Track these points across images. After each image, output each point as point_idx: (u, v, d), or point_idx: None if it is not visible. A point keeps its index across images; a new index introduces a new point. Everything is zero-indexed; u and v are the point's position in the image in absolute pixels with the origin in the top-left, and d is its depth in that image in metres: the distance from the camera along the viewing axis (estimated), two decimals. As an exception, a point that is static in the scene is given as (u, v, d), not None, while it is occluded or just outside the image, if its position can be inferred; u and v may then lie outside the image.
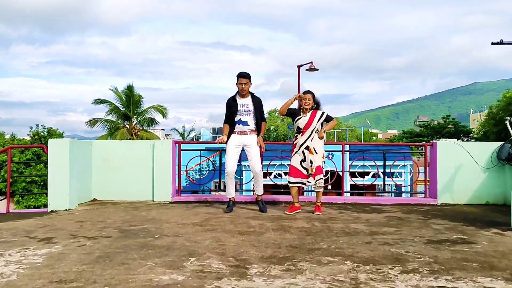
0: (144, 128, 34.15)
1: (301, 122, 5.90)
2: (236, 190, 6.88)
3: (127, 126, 33.04)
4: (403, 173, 21.05)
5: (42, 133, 32.52)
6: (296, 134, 6.00)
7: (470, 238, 4.34)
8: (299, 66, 6.79)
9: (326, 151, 6.18)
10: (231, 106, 5.91)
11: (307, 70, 6.73)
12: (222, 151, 7.40)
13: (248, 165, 6.22)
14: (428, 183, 7.26)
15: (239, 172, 14.24)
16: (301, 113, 5.96)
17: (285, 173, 6.40)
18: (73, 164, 6.18)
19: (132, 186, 7.05)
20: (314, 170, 5.80)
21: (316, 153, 5.82)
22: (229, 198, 5.99)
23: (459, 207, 6.64)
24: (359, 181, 10.03)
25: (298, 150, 5.87)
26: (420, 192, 7.14)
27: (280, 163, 7.49)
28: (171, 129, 52.63)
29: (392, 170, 8.11)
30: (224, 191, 6.27)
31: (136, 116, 33.40)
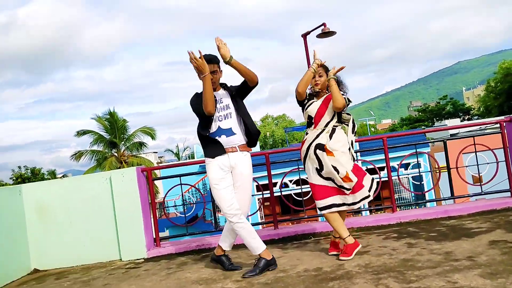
0: (134, 154, 32.00)
1: (312, 108, 3.67)
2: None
3: (115, 154, 30.88)
4: (422, 164, 18.94)
5: (25, 175, 30.26)
6: (306, 129, 3.77)
7: None
8: (304, 35, 4.67)
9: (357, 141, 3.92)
10: (198, 104, 3.49)
11: (318, 36, 4.62)
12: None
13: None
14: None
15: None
16: (314, 97, 3.76)
17: (305, 181, 4.13)
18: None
19: (87, 244, 4.77)
20: (353, 179, 3.51)
21: (336, 150, 3.54)
22: (262, 253, 3.52)
23: None
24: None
25: (307, 153, 3.64)
26: (505, 191, 4.94)
27: (298, 178, 5.23)
28: (165, 151, 50.43)
29: (406, 161, 5.88)
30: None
31: (123, 142, 31.27)
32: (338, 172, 3.50)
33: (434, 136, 19.17)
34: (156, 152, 52.17)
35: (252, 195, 3.80)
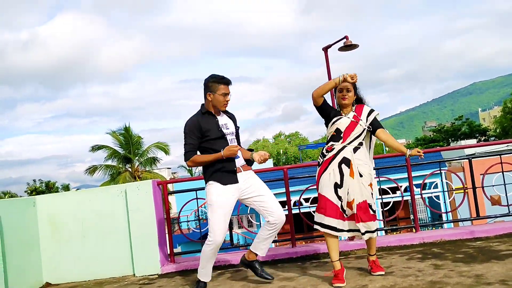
0: (147, 169, 32.10)
1: (343, 122, 3.50)
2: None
3: (129, 169, 31.00)
4: (438, 184, 18.54)
5: (40, 188, 30.48)
6: (330, 144, 3.55)
7: None
8: (325, 49, 4.59)
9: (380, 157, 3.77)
10: (203, 129, 3.46)
11: (340, 49, 4.51)
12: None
13: None
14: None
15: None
16: (340, 111, 3.61)
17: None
18: (7, 238, 3.85)
19: (101, 258, 4.67)
20: (353, 208, 3.36)
21: (361, 176, 3.40)
22: (204, 282, 3.66)
23: None
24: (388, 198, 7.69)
25: (330, 165, 3.47)
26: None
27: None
28: (178, 167, 50.47)
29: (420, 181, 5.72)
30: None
31: (137, 157, 31.40)
32: (350, 196, 3.37)
33: (450, 156, 18.86)
34: (170, 168, 52.23)
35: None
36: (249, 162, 3.56)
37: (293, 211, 5.02)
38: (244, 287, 3.64)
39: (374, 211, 3.44)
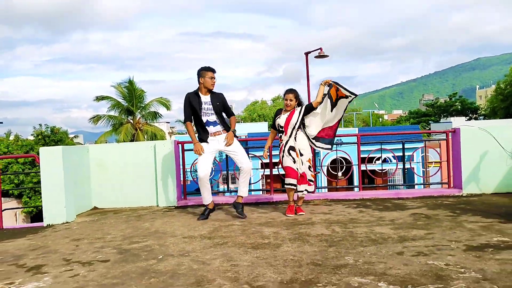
0: (148, 122, 33.72)
1: (281, 120, 5.42)
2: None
3: (131, 121, 32.60)
4: (414, 156, 20.55)
5: (45, 132, 32.16)
6: (280, 135, 5.51)
7: (514, 240, 3.84)
8: (306, 53, 6.26)
9: (337, 136, 5.68)
10: (192, 102, 5.32)
11: (316, 57, 6.21)
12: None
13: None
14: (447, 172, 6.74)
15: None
16: (282, 112, 5.51)
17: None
18: (68, 173, 5.71)
19: (134, 192, 6.59)
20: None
21: (302, 155, 5.35)
22: (206, 205, 5.48)
23: (487, 198, 6.13)
24: (371, 166, 9.54)
25: (284, 151, 5.37)
26: (443, 183, 6.62)
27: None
28: (176, 121, 52.13)
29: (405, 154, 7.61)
30: (233, 187, 5.76)
31: (139, 110, 32.91)
32: (302, 167, 5.35)
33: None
34: (169, 122, 54.03)
35: (256, 169, 5.58)
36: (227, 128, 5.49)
37: (274, 172, 6.91)
38: (232, 217, 5.53)
39: (309, 179, 5.39)
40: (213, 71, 5.37)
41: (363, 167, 7.17)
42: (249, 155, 6.69)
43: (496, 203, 5.70)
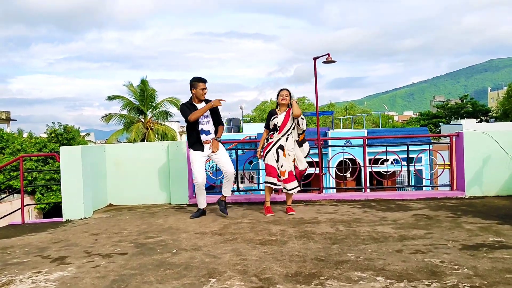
0: (159, 121, 34.12)
1: (278, 120, 5.70)
2: (253, 190, 6.67)
3: (142, 120, 33.02)
4: (423, 159, 20.65)
5: (58, 130, 32.73)
6: (272, 132, 5.76)
7: (508, 241, 4.04)
8: (315, 58, 6.49)
9: (345, 138, 5.93)
10: (191, 110, 5.60)
11: (323, 62, 6.46)
12: (237, 143, 7.07)
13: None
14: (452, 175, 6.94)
15: (255, 166, 13.99)
16: (277, 111, 5.78)
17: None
18: (86, 171, 6.01)
19: (148, 190, 6.88)
20: (285, 175, 5.57)
21: (289, 155, 5.65)
22: (202, 208, 5.80)
23: (489, 200, 6.32)
24: (378, 168, 9.73)
25: (271, 148, 5.67)
26: (446, 185, 6.82)
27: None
28: (186, 120, 52.37)
29: (411, 156, 7.81)
30: (241, 188, 6.03)
31: (150, 110, 33.31)
32: (282, 167, 5.59)
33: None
34: (179, 122, 54.42)
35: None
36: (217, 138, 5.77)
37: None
38: (240, 215, 5.78)
39: (295, 176, 5.65)
40: (204, 81, 5.65)
41: (370, 169, 7.38)
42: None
43: (497, 206, 5.89)
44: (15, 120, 40.45)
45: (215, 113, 5.74)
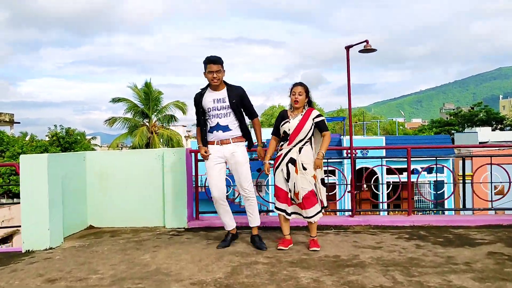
0: (164, 125, 32.92)
1: (289, 125, 4.25)
2: (265, 211, 5.32)
3: (147, 123, 31.86)
4: (445, 170, 19.13)
5: (60, 134, 31.61)
6: (281, 143, 4.34)
7: None
8: (347, 47, 5.19)
9: (361, 148, 4.49)
10: (199, 104, 4.36)
11: (360, 51, 5.14)
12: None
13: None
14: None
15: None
16: (289, 115, 4.32)
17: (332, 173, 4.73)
18: (55, 187, 4.64)
19: (137, 210, 5.51)
20: (300, 199, 4.14)
21: (305, 169, 4.16)
22: (230, 231, 4.52)
23: None
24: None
25: (280, 163, 4.25)
26: (506, 209, 5.42)
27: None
28: (192, 125, 51.33)
29: (431, 165, 6.39)
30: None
31: (155, 113, 32.18)
32: (295, 188, 4.15)
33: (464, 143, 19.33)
34: (185, 126, 53.17)
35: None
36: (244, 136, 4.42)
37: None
38: (254, 249, 4.41)
39: (316, 196, 4.22)
40: (213, 62, 4.24)
41: (392, 179, 5.97)
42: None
43: None
44: (19, 123, 39.39)
45: (240, 104, 4.35)
